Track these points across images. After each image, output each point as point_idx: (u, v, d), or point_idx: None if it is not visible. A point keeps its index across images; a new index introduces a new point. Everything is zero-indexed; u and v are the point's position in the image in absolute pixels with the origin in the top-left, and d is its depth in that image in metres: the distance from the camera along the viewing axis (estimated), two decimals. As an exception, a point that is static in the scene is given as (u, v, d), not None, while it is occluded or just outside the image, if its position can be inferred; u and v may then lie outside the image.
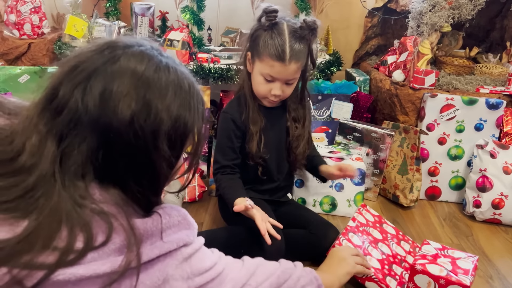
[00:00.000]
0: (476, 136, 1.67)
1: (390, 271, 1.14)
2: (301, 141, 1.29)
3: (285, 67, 1.14)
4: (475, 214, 1.61)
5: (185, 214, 0.68)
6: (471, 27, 1.87)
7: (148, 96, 0.59)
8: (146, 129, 0.59)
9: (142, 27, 2.01)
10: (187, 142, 0.66)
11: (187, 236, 0.65)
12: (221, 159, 1.26)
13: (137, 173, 0.62)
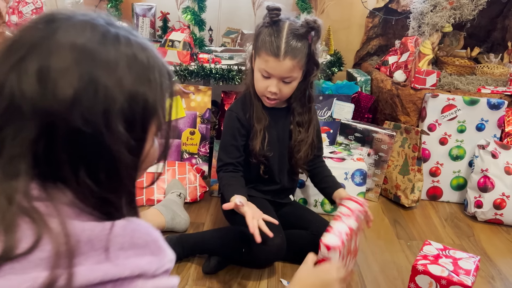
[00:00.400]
0: (478, 137, 1.67)
1: None
2: (303, 146, 1.28)
3: (279, 63, 1.14)
4: (477, 214, 1.61)
5: (157, 237, 0.56)
6: (473, 27, 1.87)
7: (93, 71, 0.51)
8: (94, 109, 0.50)
9: (143, 28, 2.02)
10: (151, 122, 0.56)
11: (149, 264, 0.53)
12: (224, 157, 1.26)
13: (90, 165, 0.52)
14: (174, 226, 1.40)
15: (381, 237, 1.48)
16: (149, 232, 0.55)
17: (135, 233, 0.53)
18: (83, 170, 0.52)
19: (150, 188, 1.60)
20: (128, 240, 0.52)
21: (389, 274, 1.29)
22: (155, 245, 0.54)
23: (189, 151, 1.80)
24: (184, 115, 1.77)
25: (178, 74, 1.69)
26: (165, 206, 1.42)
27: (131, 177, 0.57)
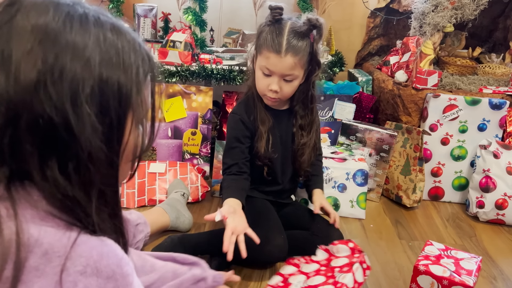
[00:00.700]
0: (479, 137, 1.67)
1: None
2: (307, 149, 1.29)
3: (280, 59, 1.13)
4: (479, 214, 1.60)
5: (128, 272, 0.49)
6: (474, 27, 1.87)
7: (58, 53, 0.47)
8: (60, 94, 0.47)
9: (144, 29, 2.02)
10: (128, 110, 0.52)
11: None
12: (228, 159, 1.25)
13: (59, 156, 0.48)
14: (178, 225, 1.40)
15: (383, 238, 1.48)
16: (121, 264, 0.49)
17: (103, 259, 0.47)
18: (51, 162, 0.47)
19: (152, 188, 1.60)
20: (92, 264, 0.46)
21: (391, 274, 1.29)
22: (122, 280, 0.48)
23: (191, 151, 1.80)
24: (185, 115, 1.77)
25: (179, 74, 1.69)
26: (170, 205, 1.42)
27: (105, 175, 0.51)
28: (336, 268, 1.04)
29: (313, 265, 1.07)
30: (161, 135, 1.79)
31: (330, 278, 1.03)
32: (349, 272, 1.01)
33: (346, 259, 1.05)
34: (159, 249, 1.22)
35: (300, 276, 1.06)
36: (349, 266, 1.02)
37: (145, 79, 0.55)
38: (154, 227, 1.32)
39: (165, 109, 1.76)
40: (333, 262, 1.06)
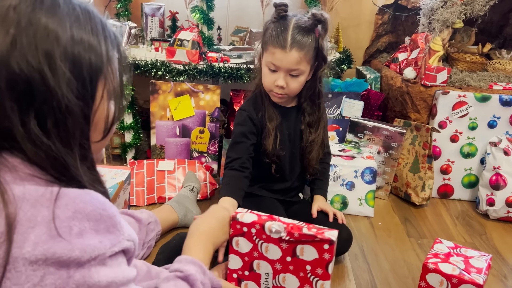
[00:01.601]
0: (489, 134, 1.65)
1: None
2: (315, 146, 1.29)
3: (285, 54, 1.14)
4: (489, 212, 1.59)
5: (113, 213, 0.53)
6: (484, 23, 1.84)
7: (32, 13, 0.51)
8: (36, 51, 0.50)
9: (152, 27, 2.02)
10: (99, 74, 0.56)
11: (101, 244, 0.51)
12: (232, 153, 1.25)
13: (38, 112, 0.51)
14: (186, 222, 1.41)
15: (392, 236, 1.47)
16: (105, 207, 0.53)
17: (88, 205, 0.51)
18: (30, 118, 0.50)
19: (161, 186, 1.61)
20: (79, 210, 0.50)
21: (400, 272, 1.28)
22: (110, 221, 0.52)
23: (199, 149, 1.81)
24: (193, 114, 1.77)
25: (187, 73, 1.70)
26: (178, 203, 1.43)
27: (82, 129, 0.55)
28: (306, 265, 0.93)
29: (273, 248, 0.94)
30: (169, 134, 1.80)
31: (306, 283, 0.95)
32: (327, 279, 0.93)
33: (314, 249, 0.91)
34: (168, 246, 1.22)
35: (265, 263, 0.96)
36: (323, 268, 0.92)
37: (113, 52, 0.59)
38: (164, 225, 1.33)
39: (173, 108, 1.76)
40: (298, 250, 0.92)
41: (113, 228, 0.53)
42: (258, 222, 0.93)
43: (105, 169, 1.39)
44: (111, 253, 0.52)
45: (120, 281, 0.53)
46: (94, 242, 0.50)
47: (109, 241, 0.52)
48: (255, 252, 0.96)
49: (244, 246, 0.96)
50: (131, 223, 1.19)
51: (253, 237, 0.94)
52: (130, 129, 1.83)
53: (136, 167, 1.67)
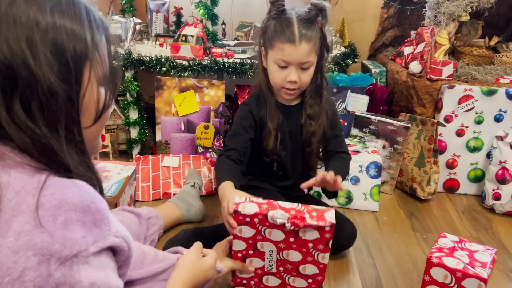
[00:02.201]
0: (496, 127, 1.63)
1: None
2: (314, 138, 1.26)
3: (295, 48, 1.13)
4: (495, 206, 1.58)
5: (102, 207, 0.52)
6: (491, 16, 1.82)
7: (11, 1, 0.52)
8: (16, 36, 0.51)
9: (157, 23, 2.03)
10: (85, 59, 0.56)
11: (84, 239, 0.49)
12: (230, 143, 1.23)
13: (23, 97, 0.51)
14: (190, 217, 1.42)
15: (397, 230, 1.47)
16: (94, 200, 0.51)
17: (75, 197, 0.50)
18: (15, 103, 0.50)
19: (167, 182, 1.62)
20: (67, 200, 0.49)
21: (404, 267, 1.28)
22: (98, 214, 0.51)
23: (204, 145, 1.82)
24: (198, 109, 1.78)
25: (191, 68, 1.70)
26: (180, 199, 1.44)
27: (69, 113, 0.54)
28: (308, 243, 0.99)
29: (276, 233, 0.98)
30: (174, 129, 1.80)
31: (308, 255, 1.01)
32: (327, 252, 1.00)
33: (316, 232, 0.97)
34: (174, 242, 1.24)
35: (268, 244, 1.01)
36: (323, 244, 0.99)
37: (100, 37, 0.58)
38: (167, 221, 1.34)
39: (178, 103, 1.77)
40: (301, 232, 0.97)
41: (100, 222, 0.51)
42: (261, 213, 0.95)
43: (111, 164, 1.41)
44: (96, 250, 0.50)
45: (103, 285, 0.51)
46: (77, 236, 0.48)
47: (92, 237, 0.50)
48: (258, 236, 1.00)
49: (247, 232, 0.99)
50: (130, 218, 1.20)
51: (256, 225, 0.98)
52: (135, 125, 1.84)
53: (142, 162, 1.68)
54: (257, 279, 1.09)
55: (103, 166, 1.38)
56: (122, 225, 1.09)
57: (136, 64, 1.73)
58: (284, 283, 1.09)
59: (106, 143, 1.87)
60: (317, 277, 1.06)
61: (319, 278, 1.06)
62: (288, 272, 1.06)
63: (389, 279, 1.23)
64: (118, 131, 1.92)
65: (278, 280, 1.09)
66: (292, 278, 1.08)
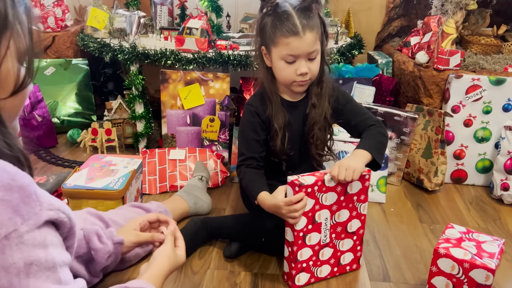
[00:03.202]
0: (504, 117, 1.62)
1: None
2: (315, 126, 1.23)
3: (301, 40, 1.11)
4: (503, 197, 1.57)
5: (26, 183, 0.49)
6: (499, 4, 1.79)
7: None
8: None
9: (161, 16, 2.03)
10: (5, 28, 0.55)
11: (11, 221, 0.46)
12: (246, 151, 1.22)
13: None
14: (197, 210, 1.43)
15: (404, 221, 1.47)
16: (15, 177, 0.47)
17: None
18: None
19: (173, 174, 1.63)
20: None
21: (412, 258, 1.28)
22: (23, 191, 0.47)
23: (209, 138, 1.82)
24: (203, 102, 1.78)
25: (196, 61, 1.70)
26: (187, 192, 1.45)
27: None
28: (354, 196, 1.13)
29: (331, 195, 1.09)
30: (180, 122, 1.81)
31: (353, 210, 1.14)
32: (366, 201, 1.15)
33: (359, 182, 1.12)
34: (183, 232, 1.23)
35: (324, 211, 1.10)
36: (364, 194, 1.14)
37: (20, 10, 0.56)
38: (175, 215, 1.35)
39: (183, 97, 1.77)
40: (349, 188, 1.11)
41: (28, 198, 0.47)
42: (319, 179, 1.06)
43: (117, 158, 1.41)
44: (28, 228, 0.47)
45: (43, 263, 0.48)
46: (2, 218, 0.45)
47: (20, 217, 0.47)
48: (316, 205, 1.08)
49: (309, 204, 1.07)
50: (140, 214, 1.20)
51: (316, 193, 1.07)
52: (141, 118, 1.85)
53: (148, 156, 1.69)
54: (315, 257, 1.13)
55: (110, 160, 1.39)
56: (125, 221, 1.12)
57: (141, 58, 1.73)
58: (335, 251, 1.16)
59: (113, 137, 1.88)
60: (359, 231, 1.17)
61: (361, 232, 1.18)
62: (339, 236, 1.15)
63: (396, 270, 1.22)
64: (124, 125, 1.92)
65: (330, 250, 1.15)
66: (341, 242, 1.16)
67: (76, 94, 2.09)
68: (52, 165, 1.80)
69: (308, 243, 1.10)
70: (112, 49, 1.78)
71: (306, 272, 1.14)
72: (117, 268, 1.14)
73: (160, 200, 1.51)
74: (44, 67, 2.05)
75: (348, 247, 1.18)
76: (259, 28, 1.18)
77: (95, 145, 1.88)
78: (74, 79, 2.09)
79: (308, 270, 1.14)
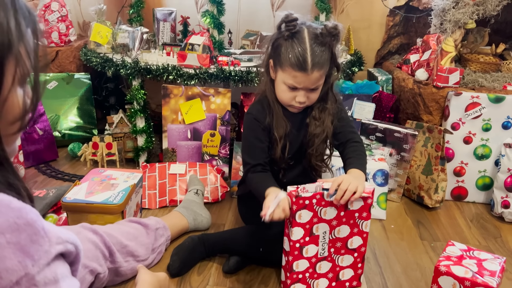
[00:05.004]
0: (504, 135, 1.62)
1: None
2: (317, 138, 1.23)
3: (307, 77, 1.13)
4: (504, 215, 1.56)
5: (33, 218, 0.45)
6: (498, 23, 1.82)
7: None
8: None
9: (164, 32, 2.05)
10: (7, 58, 0.48)
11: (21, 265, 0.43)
12: (250, 159, 1.22)
13: None
14: (197, 226, 1.42)
15: (404, 238, 1.46)
16: (21, 214, 0.44)
17: (1, 215, 0.43)
18: None
19: (173, 189, 1.62)
20: None
21: (412, 275, 1.27)
22: (31, 229, 0.44)
23: (210, 152, 1.82)
24: (204, 117, 1.79)
25: (198, 77, 1.71)
26: (186, 208, 1.44)
27: None
28: (355, 213, 1.11)
29: (330, 210, 1.08)
30: (180, 137, 1.81)
31: (354, 227, 1.13)
32: (369, 219, 1.13)
33: (361, 200, 1.11)
34: (181, 249, 1.24)
35: (323, 225, 1.09)
36: (366, 211, 1.12)
37: (27, 29, 0.51)
38: (174, 232, 1.34)
39: (184, 111, 1.78)
40: (349, 204, 1.10)
41: (36, 236, 0.44)
42: (318, 193, 1.06)
43: (117, 172, 1.41)
44: (39, 269, 0.45)
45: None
46: (12, 263, 0.42)
47: (30, 259, 0.44)
48: (315, 218, 1.08)
49: (306, 216, 1.06)
50: (138, 229, 1.20)
51: (314, 206, 1.06)
52: (142, 133, 1.85)
53: (148, 170, 1.69)
54: (311, 269, 1.13)
55: (110, 174, 1.39)
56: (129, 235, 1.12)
57: (143, 73, 1.74)
58: (334, 265, 1.15)
59: (113, 151, 1.88)
60: (361, 248, 1.16)
61: (362, 249, 1.16)
62: (338, 251, 1.14)
63: (397, 287, 1.21)
64: (125, 139, 1.93)
65: (329, 264, 1.14)
66: (341, 258, 1.15)
67: (78, 108, 2.10)
68: (52, 178, 1.80)
69: (304, 255, 1.10)
70: (115, 64, 1.80)
71: (302, 283, 1.13)
72: (113, 282, 1.13)
73: (159, 215, 1.50)
74: (47, 81, 2.07)
75: (348, 264, 1.17)
76: (273, 44, 1.19)
77: (95, 159, 1.88)
78: (76, 93, 2.10)
79: (304, 282, 1.13)
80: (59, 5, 2.05)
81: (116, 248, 1.09)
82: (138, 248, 1.17)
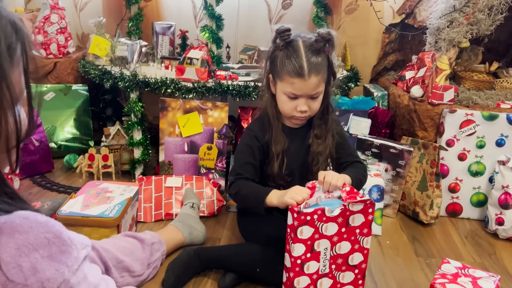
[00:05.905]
0: (498, 152, 1.64)
1: None
2: (321, 157, 1.26)
3: (305, 82, 1.15)
4: (498, 232, 1.57)
5: (59, 230, 0.49)
6: (491, 42, 1.85)
7: None
8: None
9: (163, 46, 2.07)
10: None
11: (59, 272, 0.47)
12: (242, 171, 1.23)
13: None
14: (192, 240, 1.42)
15: (400, 255, 1.46)
16: (48, 228, 0.47)
17: (29, 234, 0.45)
18: None
19: (169, 202, 1.62)
20: (23, 243, 0.45)
21: (407, 292, 1.27)
22: (59, 240, 0.48)
23: (206, 166, 1.82)
24: (201, 130, 1.79)
25: (196, 90, 1.72)
26: (181, 222, 1.43)
27: None
28: (356, 229, 1.11)
29: (331, 226, 1.08)
30: (177, 150, 1.82)
31: (355, 243, 1.12)
32: (369, 235, 1.13)
33: (362, 215, 1.10)
34: (176, 263, 1.23)
35: (324, 241, 1.09)
36: (367, 227, 1.12)
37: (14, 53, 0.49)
38: (170, 246, 1.34)
39: (182, 125, 1.79)
40: (350, 220, 1.09)
41: (65, 246, 0.48)
42: (320, 208, 1.06)
43: (113, 185, 1.41)
44: (73, 274, 0.49)
45: (93, 284, 0.52)
46: (50, 273, 0.46)
47: (64, 266, 0.48)
48: (316, 234, 1.07)
49: (307, 232, 1.06)
50: (133, 244, 1.19)
51: (315, 222, 1.06)
52: (139, 145, 1.85)
53: (144, 183, 1.68)
54: (312, 286, 1.12)
55: (106, 187, 1.39)
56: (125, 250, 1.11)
57: (142, 86, 1.75)
58: (335, 282, 1.15)
59: (110, 163, 1.88)
60: (362, 265, 1.15)
61: (363, 266, 1.15)
62: (339, 267, 1.13)
63: (392, 304, 1.21)
64: (122, 151, 1.93)
65: (330, 281, 1.14)
66: (342, 274, 1.14)
67: (75, 119, 2.10)
68: (47, 190, 1.79)
69: (306, 272, 1.09)
70: (113, 77, 1.81)
71: None
72: None
73: (154, 228, 1.50)
74: (44, 92, 2.07)
75: (349, 280, 1.16)
76: (270, 57, 1.22)
77: (91, 171, 1.88)
78: (73, 104, 2.11)
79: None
80: (58, 17, 2.06)
81: (112, 263, 1.08)
82: (134, 264, 1.16)
